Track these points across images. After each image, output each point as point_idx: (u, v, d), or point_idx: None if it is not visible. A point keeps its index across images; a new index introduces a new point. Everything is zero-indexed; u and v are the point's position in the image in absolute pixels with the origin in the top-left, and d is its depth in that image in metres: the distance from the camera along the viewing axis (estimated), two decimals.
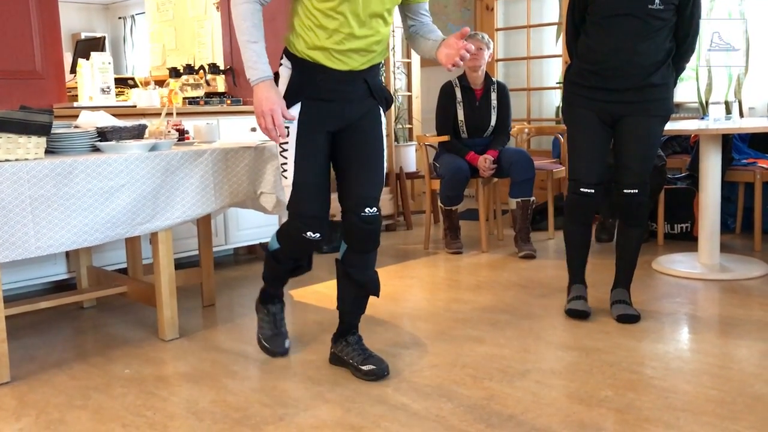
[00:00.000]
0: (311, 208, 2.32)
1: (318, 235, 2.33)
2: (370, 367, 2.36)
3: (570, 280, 3.08)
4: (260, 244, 4.30)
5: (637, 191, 2.84)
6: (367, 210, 2.29)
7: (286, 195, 2.35)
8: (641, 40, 2.70)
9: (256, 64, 2.18)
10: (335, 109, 2.30)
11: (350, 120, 2.34)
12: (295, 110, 2.27)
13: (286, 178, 2.33)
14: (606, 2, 2.72)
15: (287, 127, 2.26)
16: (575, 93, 2.89)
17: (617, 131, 2.87)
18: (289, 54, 2.30)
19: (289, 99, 2.26)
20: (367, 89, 2.34)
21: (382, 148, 2.38)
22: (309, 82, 2.26)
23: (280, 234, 2.47)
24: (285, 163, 2.31)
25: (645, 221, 2.94)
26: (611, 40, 2.74)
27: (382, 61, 2.38)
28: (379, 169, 2.36)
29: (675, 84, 2.89)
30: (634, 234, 2.95)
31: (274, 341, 2.61)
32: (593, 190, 2.87)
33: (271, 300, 2.67)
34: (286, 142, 2.29)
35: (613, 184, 2.89)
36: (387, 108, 2.43)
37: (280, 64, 2.31)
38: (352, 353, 2.42)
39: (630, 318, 2.86)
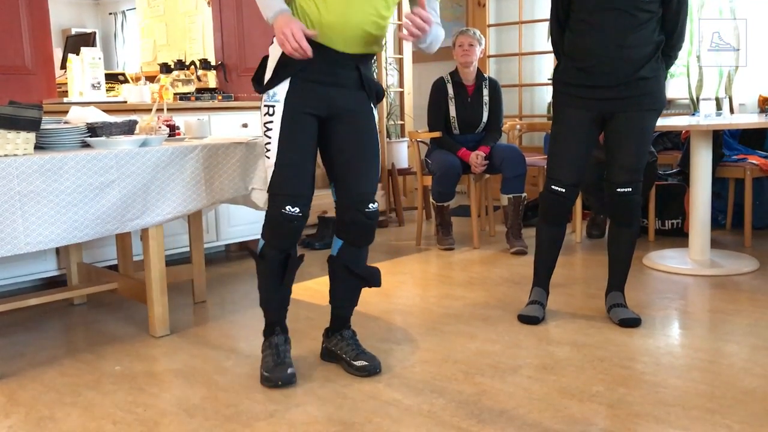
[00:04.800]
0: (294, 186, 2.24)
1: (297, 209, 2.22)
2: (363, 363, 2.36)
3: (533, 281, 3.00)
4: (248, 249, 4.26)
5: (630, 189, 2.76)
6: (370, 206, 2.30)
7: (268, 176, 2.27)
8: (630, 33, 2.65)
9: (270, 1, 2.16)
10: (324, 92, 2.26)
11: (338, 108, 2.30)
12: (283, 87, 2.24)
13: (268, 158, 2.26)
14: None
15: (273, 106, 2.24)
16: (565, 92, 2.83)
17: (610, 128, 2.81)
18: None
19: (278, 75, 2.23)
20: (359, 78, 2.31)
21: (377, 143, 2.37)
22: (300, 60, 2.19)
23: (263, 227, 2.34)
24: (268, 143, 2.25)
25: (638, 221, 2.86)
26: (599, 35, 2.68)
27: (375, 55, 2.38)
28: (375, 164, 2.35)
29: (665, 77, 2.84)
30: (626, 235, 2.86)
31: (275, 370, 2.31)
32: (568, 191, 2.81)
33: (272, 330, 2.42)
34: (271, 122, 2.25)
35: (605, 182, 2.83)
36: (378, 101, 2.40)
37: (272, 42, 2.27)
38: (346, 348, 2.42)
39: (633, 322, 2.78)
